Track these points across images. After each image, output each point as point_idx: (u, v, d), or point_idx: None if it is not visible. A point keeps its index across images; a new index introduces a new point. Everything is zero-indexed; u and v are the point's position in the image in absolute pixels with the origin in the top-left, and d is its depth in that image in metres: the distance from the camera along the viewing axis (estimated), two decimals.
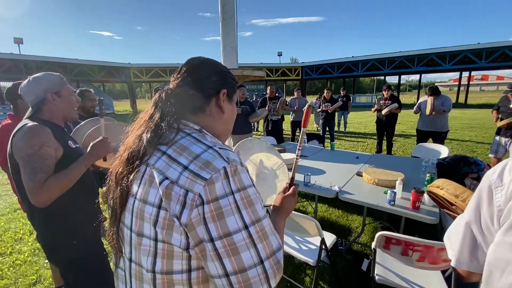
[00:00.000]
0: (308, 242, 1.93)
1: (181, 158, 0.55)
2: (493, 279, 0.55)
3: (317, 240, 1.71)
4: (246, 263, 0.50)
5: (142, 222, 0.55)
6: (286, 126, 9.80)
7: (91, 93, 2.76)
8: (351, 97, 10.19)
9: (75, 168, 1.19)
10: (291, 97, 6.80)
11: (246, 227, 0.51)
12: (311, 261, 1.71)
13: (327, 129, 6.62)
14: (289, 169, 2.64)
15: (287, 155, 2.86)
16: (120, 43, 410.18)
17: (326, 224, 2.91)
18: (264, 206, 0.92)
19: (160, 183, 0.52)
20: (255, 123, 9.91)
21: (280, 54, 30.44)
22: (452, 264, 0.64)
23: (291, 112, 6.48)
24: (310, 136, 4.50)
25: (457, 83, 25.32)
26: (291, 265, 2.20)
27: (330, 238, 1.91)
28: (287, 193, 0.85)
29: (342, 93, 9.20)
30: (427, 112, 4.23)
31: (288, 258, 2.19)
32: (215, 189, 0.50)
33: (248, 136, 4.26)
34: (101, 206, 1.61)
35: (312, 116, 9.60)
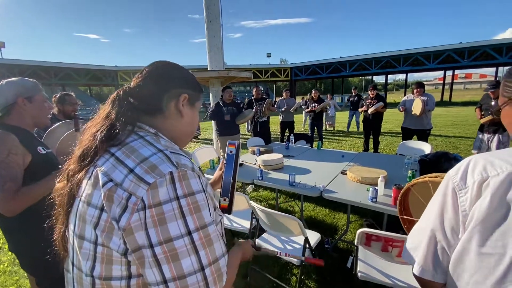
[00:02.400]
0: (293, 241, 1.94)
1: (128, 160, 0.54)
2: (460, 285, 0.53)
3: (301, 239, 1.71)
4: (186, 270, 0.49)
5: (84, 224, 0.54)
6: (276, 127, 9.92)
7: (72, 97, 2.69)
8: (341, 98, 10.32)
9: (50, 180, 1.16)
10: (280, 98, 6.84)
11: (189, 233, 0.51)
12: (295, 260, 1.71)
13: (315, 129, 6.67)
14: (277, 169, 2.64)
15: (274, 156, 2.87)
16: (107, 45, 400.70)
17: (313, 223, 2.92)
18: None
19: (104, 185, 0.52)
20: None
21: (269, 56, 30.62)
22: (415, 272, 0.60)
23: (279, 113, 6.50)
24: (298, 136, 4.53)
25: (442, 81, 26.04)
26: (278, 265, 2.20)
27: (314, 237, 1.92)
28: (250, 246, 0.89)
29: (353, 92, 9.22)
30: (418, 113, 4.25)
31: (274, 258, 2.19)
32: (158, 194, 0.49)
33: (236, 137, 4.25)
34: None
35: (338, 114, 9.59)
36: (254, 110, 4.53)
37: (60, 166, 1.26)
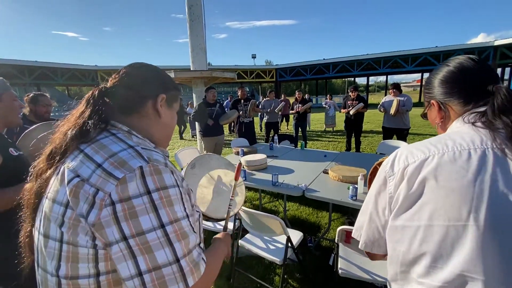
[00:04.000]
0: (276, 241, 1.95)
1: (97, 156, 0.54)
2: (394, 256, 0.63)
3: (284, 239, 1.72)
4: (160, 261, 0.50)
5: (49, 222, 0.53)
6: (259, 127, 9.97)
7: (46, 98, 2.56)
8: (324, 99, 10.54)
9: (19, 190, 1.11)
10: (265, 99, 6.87)
11: (162, 226, 0.51)
12: (277, 260, 1.72)
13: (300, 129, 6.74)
14: (261, 170, 2.64)
15: (258, 156, 2.87)
16: (87, 44, 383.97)
17: (297, 222, 2.95)
18: (215, 218, 0.93)
19: (69, 181, 0.51)
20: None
21: (254, 57, 30.71)
22: (360, 246, 0.73)
23: (264, 114, 6.54)
24: (282, 137, 4.56)
25: (420, 83, 27.18)
26: (261, 266, 2.20)
27: (297, 236, 1.93)
28: (224, 235, 0.89)
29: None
30: (392, 112, 4.46)
31: (258, 259, 2.19)
32: (127, 188, 0.50)
33: (220, 138, 4.22)
34: None
35: (323, 115, 9.85)
36: (239, 111, 4.52)
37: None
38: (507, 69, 22.15)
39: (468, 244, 0.51)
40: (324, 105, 10.00)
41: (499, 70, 20.51)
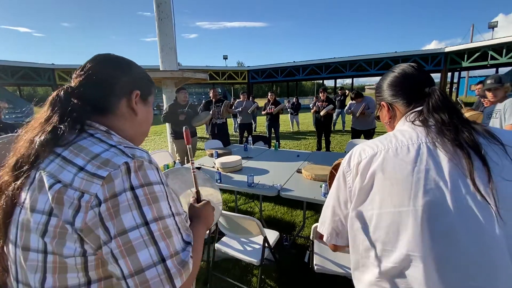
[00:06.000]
0: (253, 242, 1.95)
1: (77, 159, 0.50)
2: (355, 245, 0.68)
3: (261, 240, 1.73)
4: (143, 263, 0.47)
5: (29, 233, 0.49)
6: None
7: None
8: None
9: None
10: (237, 100, 6.86)
11: (146, 223, 0.49)
12: (255, 261, 1.72)
13: (273, 130, 6.83)
14: (236, 171, 2.62)
15: (232, 158, 2.85)
16: (42, 40, 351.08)
17: (272, 222, 2.99)
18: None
19: (50, 187, 0.47)
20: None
21: (225, 58, 30.52)
22: (325, 239, 0.77)
23: (237, 115, 6.52)
24: (256, 138, 4.59)
25: None
26: (238, 268, 2.19)
27: (273, 236, 1.95)
28: (202, 203, 0.82)
29: (339, 92, 9.75)
30: (357, 114, 4.75)
31: (235, 261, 2.17)
32: (114, 186, 0.47)
33: (193, 140, 4.12)
34: None
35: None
36: (211, 112, 4.46)
37: None
38: (456, 74, 24.63)
39: (410, 226, 0.58)
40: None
41: (449, 75, 22.67)
